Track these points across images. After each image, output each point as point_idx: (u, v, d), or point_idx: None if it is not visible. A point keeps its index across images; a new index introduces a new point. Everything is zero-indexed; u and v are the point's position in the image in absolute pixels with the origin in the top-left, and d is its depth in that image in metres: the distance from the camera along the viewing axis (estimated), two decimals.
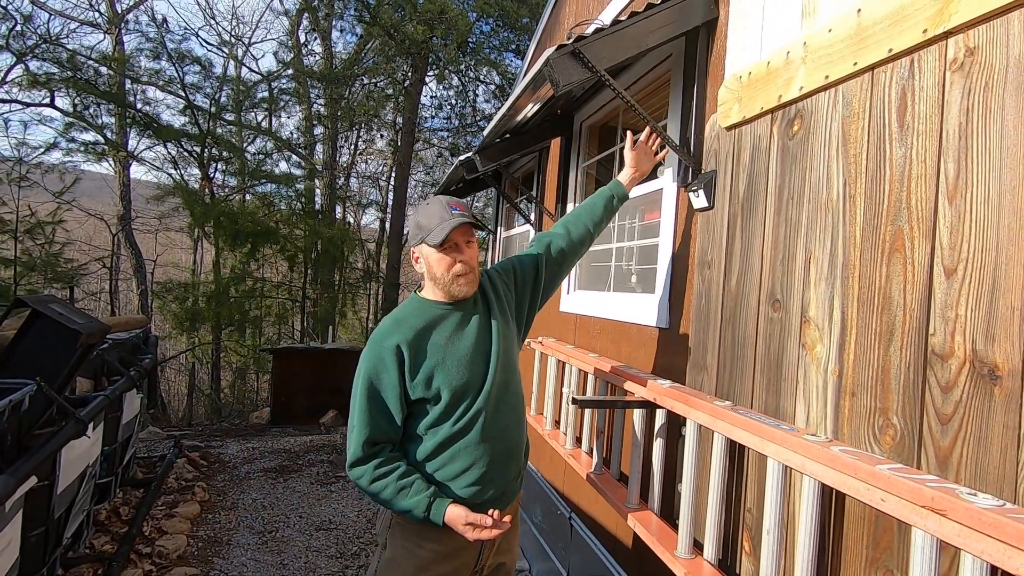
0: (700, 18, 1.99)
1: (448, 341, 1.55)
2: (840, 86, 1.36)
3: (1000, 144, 0.99)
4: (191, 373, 14.22)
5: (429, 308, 1.60)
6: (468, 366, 1.54)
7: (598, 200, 1.96)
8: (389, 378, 1.49)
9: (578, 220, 1.93)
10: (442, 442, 1.52)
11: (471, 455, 1.52)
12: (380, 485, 1.46)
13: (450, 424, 1.52)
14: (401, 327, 1.54)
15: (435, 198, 1.62)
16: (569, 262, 1.92)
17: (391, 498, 1.46)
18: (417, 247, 1.60)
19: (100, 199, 14.08)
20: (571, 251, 1.89)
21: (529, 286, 1.81)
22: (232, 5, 28.12)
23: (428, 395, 1.50)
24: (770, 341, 1.53)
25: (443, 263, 1.55)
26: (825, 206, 1.37)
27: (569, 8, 3.94)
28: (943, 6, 1.09)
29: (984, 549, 0.81)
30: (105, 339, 3.58)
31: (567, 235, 1.89)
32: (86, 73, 11.33)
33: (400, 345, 1.49)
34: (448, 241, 1.52)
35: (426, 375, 1.50)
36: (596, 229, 1.94)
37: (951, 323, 1.05)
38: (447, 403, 1.51)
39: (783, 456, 1.26)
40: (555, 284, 1.91)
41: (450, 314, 1.59)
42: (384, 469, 1.47)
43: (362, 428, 1.48)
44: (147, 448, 5.92)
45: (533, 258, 1.84)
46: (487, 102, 13.72)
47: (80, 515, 3.00)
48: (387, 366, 1.49)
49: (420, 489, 1.47)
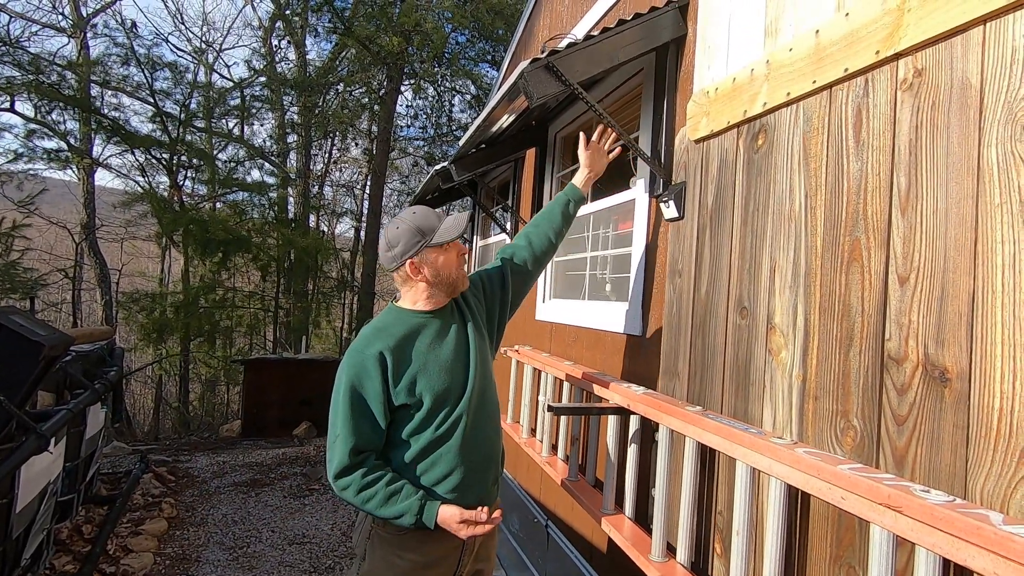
0: (669, 35, 2.05)
1: (429, 348, 1.56)
2: (801, 103, 1.42)
3: (946, 160, 1.05)
4: (158, 385, 13.82)
5: (409, 317, 1.62)
6: (449, 372, 1.56)
7: (556, 207, 1.99)
8: (373, 385, 1.48)
9: (539, 230, 1.96)
10: (423, 448, 1.53)
11: (451, 461, 1.54)
12: (369, 493, 1.45)
13: (432, 430, 1.53)
14: (383, 335, 1.54)
15: (417, 207, 1.64)
16: (534, 272, 1.95)
17: (381, 505, 1.45)
18: (416, 256, 1.57)
19: (62, 207, 13.65)
20: (535, 262, 1.93)
21: (497, 297, 1.84)
22: (203, 11, 27.75)
23: (411, 401, 1.51)
24: (738, 347, 1.57)
25: (451, 262, 1.60)
26: (788, 217, 1.43)
27: (543, 21, 4.01)
28: (893, 30, 1.16)
29: (936, 543, 0.86)
30: (68, 351, 3.47)
31: (529, 246, 1.93)
32: (49, 77, 11.01)
33: (383, 352, 1.50)
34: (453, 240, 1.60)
35: (409, 381, 1.51)
36: (557, 237, 1.97)
37: (905, 328, 1.10)
38: (429, 409, 1.52)
39: (751, 459, 1.30)
40: (522, 295, 1.94)
41: (430, 322, 1.62)
42: (372, 477, 1.47)
43: (347, 436, 1.47)
44: (112, 464, 5.73)
45: (499, 271, 1.87)
46: (463, 112, 13.79)
47: (40, 534, 2.89)
48: (370, 373, 1.48)
49: (410, 493, 1.47)
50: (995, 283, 0.95)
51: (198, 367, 13.70)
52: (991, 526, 0.80)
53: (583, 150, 2.02)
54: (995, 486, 0.91)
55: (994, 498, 0.91)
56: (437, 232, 1.57)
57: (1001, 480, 0.91)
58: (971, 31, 1.03)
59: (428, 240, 1.56)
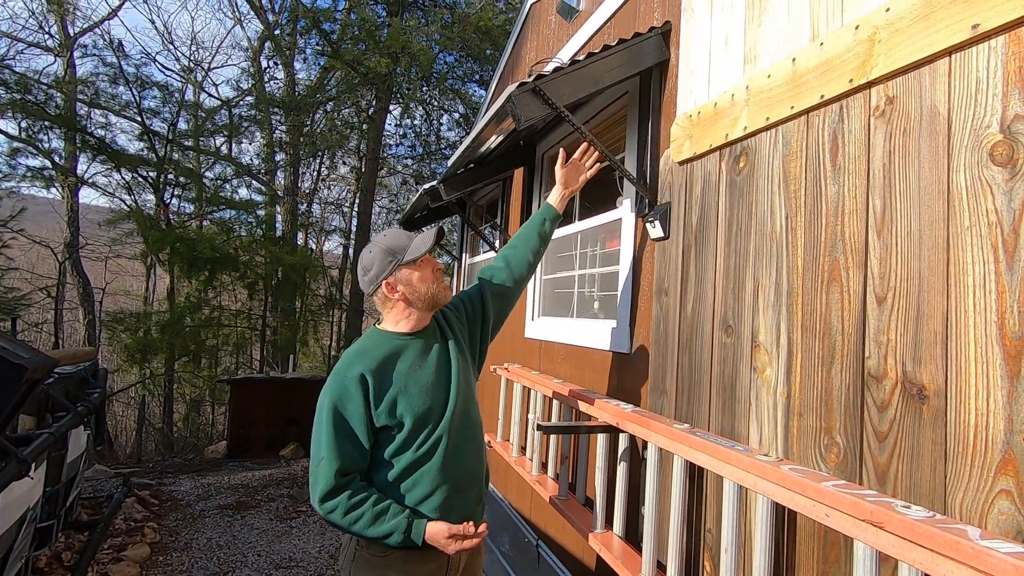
0: (652, 59, 2.11)
1: (411, 369, 1.59)
2: (780, 127, 1.47)
3: (918, 184, 1.10)
4: (141, 406, 13.57)
5: (390, 339, 1.64)
6: (430, 393, 1.58)
7: (532, 227, 2.00)
8: (356, 407, 1.50)
9: (516, 252, 1.98)
10: (405, 468, 1.54)
11: (434, 481, 1.55)
12: (356, 515, 1.46)
13: (413, 450, 1.54)
14: (364, 357, 1.56)
15: (389, 230, 1.69)
16: (515, 292, 1.97)
17: (368, 525, 1.46)
18: (391, 276, 1.62)
19: (45, 225, 13.48)
20: (515, 282, 1.95)
21: (478, 319, 1.86)
22: (192, 30, 27.84)
23: (392, 422, 1.52)
24: (724, 365, 1.60)
25: (427, 277, 1.63)
26: (770, 237, 1.47)
27: (531, 44, 4.09)
28: (865, 59, 1.21)
29: (916, 558, 0.88)
30: (51, 373, 3.41)
31: (508, 267, 1.95)
32: (35, 96, 10.96)
33: (364, 374, 1.52)
34: (427, 253, 1.63)
35: (390, 402, 1.52)
36: (535, 257, 1.99)
37: (883, 347, 1.13)
38: (410, 429, 1.53)
39: (738, 476, 1.32)
40: (504, 315, 1.96)
41: (411, 344, 1.64)
42: (358, 498, 1.47)
43: (332, 459, 1.47)
44: (93, 487, 5.60)
45: (479, 292, 1.90)
46: (451, 130, 13.90)
47: (18, 562, 2.81)
48: (352, 395, 1.50)
49: (396, 512, 1.48)
50: (967, 303, 0.98)
51: (183, 387, 13.49)
52: (969, 541, 0.82)
53: (559, 167, 2.04)
54: (973, 501, 0.94)
55: (972, 513, 0.93)
56: (408, 250, 1.61)
57: (979, 495, 0.93)
58: (938, 62, 1.08)
59: (400, 259, 1.60)
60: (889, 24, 1.16)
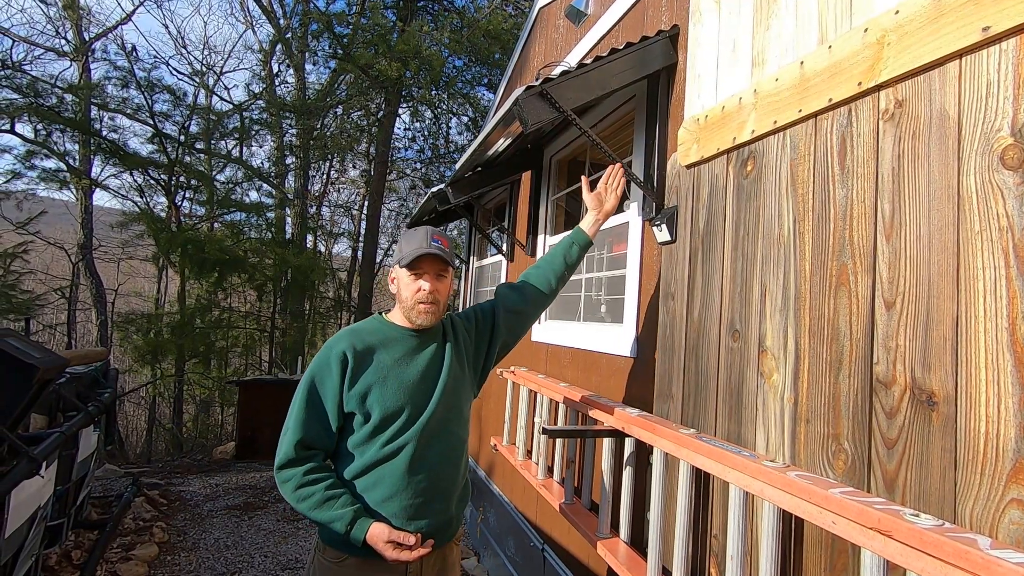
0: (660, 63, 2.11)
1: (395, 363, 1.54)
2: (788, 130, 1.46)
3: (928, 188, 1.08)
4: (151, 407, 13.68)
5: (387, 327, 1.61)
6: (408, 393, 1.52)
7: (559, 251, 1.92)
8: (331, 382, 1.49)
9: (539, 272, 1.89)
10: (368, 464, 1.50)
11: (395, 484, 1.49)
12: (307, 492, 1.43)
13: (377, 447, 1.50)
14: (353, 336, 1.55)
15: (422, 227, 1.64)
16: (532, 314, 1.88)
17: (315, 507, 1.43)
18: (394, 268, 1.64)
19: (59, 227, 13.66)
20: (533, 303, 1.86)
21: (487, 335, 1.79)
22: (204, 35, 28.16)
23: (359, 410, 1.49)
24: (731, 370, 1.59)
25: (410, 287, 1.58)
26: (777, 241, 1.46)
27: (539, 48, 4.10)
28: (874, 63, 1.20)
29: (925, 567, 0.86)
30: (63, 373, 3.45)
31: (528, 287, 1.86)
32: (49, 100, 11.12)
33: (346, 351, 1.50)
34: (417, 267, 1.56)
35: (363, 388, 1.49)
36: (558, 281, 1.90)
37: (892, 352, 1.12)
38: (376, 424, 1.49)
39: (744, 482, 1.31)
40: (517, 335, 1.86)
41: (406, 339, 1.59)
42: (314, 476, 1.45)
43: (297, 430, 1.47)
44: (103, 487, 5.65)
45: (491, 308, 1.82)
46: (460, 134, 13.95)
47: (29, 560, 2.84)
48: (331, 370, 1.50)
49: (347, 503, 1.45)
50: (978, 308, 0.97)
51: (192, 388, 13.59)
52: (979, 551, 0.80)
53: (586, 193, 1.95)
54: (983, 510, 0.92)
55: (982, 522, 0.92)
56: (405, 256, 1.57)
57: (989, 504, 0.92)
58: (948, 65, 1.07)
59: (400, 259, 1.59)
60: (898, 27, 1.15)
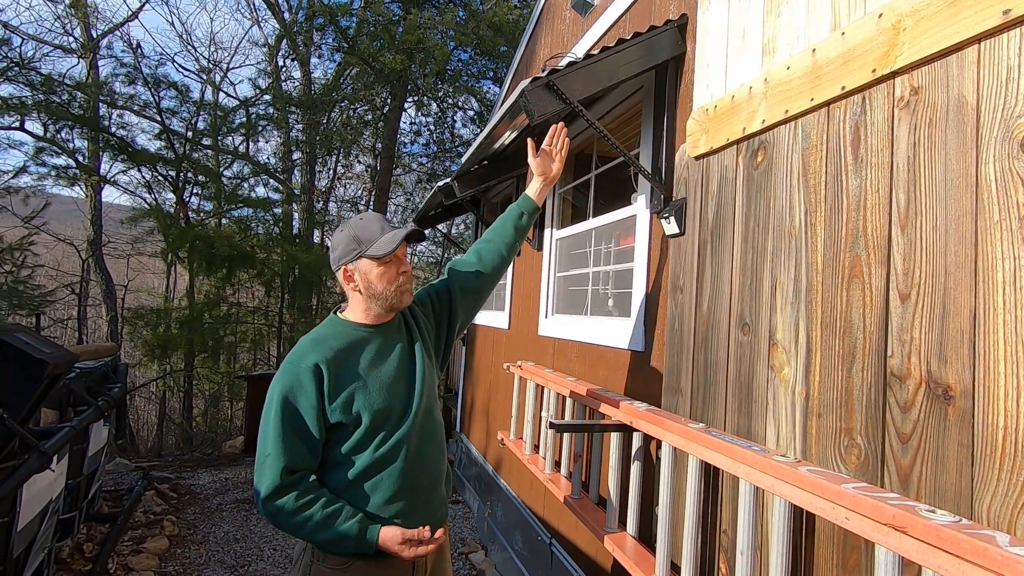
0: (668, 53, 2.08)
1: (371, 364, 1.48)
2: (799, 120, 1.43)
3: (944, 177, 1.06)
4: (161, 401, 13.82)
5: (351, 330, 1.52)
6: (390, 391, 1.47)
7: (507, 220, 1.87)
8: (307, 399, 1.38)
9: (490, 245, 1.84)
10: (364, 470, 1.43)
11: (394, 485, 1.44)
12: (305, 516, 1.34)
13: (371, 451, 1.43)
14: (320, 347, 1.44)
15: (369, 213, 1.55)
16: (486, 288, 1.83)
17: (318, 529, 1.34)
18: (352, 263, 1.49)
19: (69, 223, 13.78)
20: (487, 278, 1.81)
21: (444, 317, 1.74)
22: (210, 31, 28.21)
23: (347, 419, 1.41)
24: (740, 364, 1.57)
25: (386, 277, 1.49)
26: (788, 233, 1.43)
27: (545, 40, 4.06)
28: (889, 49, 1.17)
29: (942, 564, 0.85)
30: (73, 368, 3.48)
31: (480, 262, 1.81)
32: (59, 97, 11.19)
33: (319, 364, 1.40)
34: (393, 253, 1.47)
35: (346, 398, 1.41)
36: (509, 251, 1.86)
37: (907, 345, 1.09)
38: (367, 428, 1.42)
39: (754, 477, 1.29)
40: (474, 311, 1.83)
41: (372, 337, 1.52)
42: (308, 499, 1.36)
43: (279, 455, 1.35)
44: (114, 481, 5.71)
45: (446, 287, 1.77)
46: (465, 127, 13.90)
47: (41, 553, 2.87)
48: (304, 387, 1.39)
49: (349, 515, 1.37)
50: (996, 300, 0.95)
51: (202, 383, 13.69)
52: (997, 548, 0.79)
53: (532, 158, 1.89)
54: (1001, 506, 0.90)
55: (1000, 518, 0.90)
56: (375, 243, 1.47)
57: (1008, 500, 0.90)
58: (966, 50, 1.04)
59: (364, 250, 1.47)
60: (914, 11, 1.12)
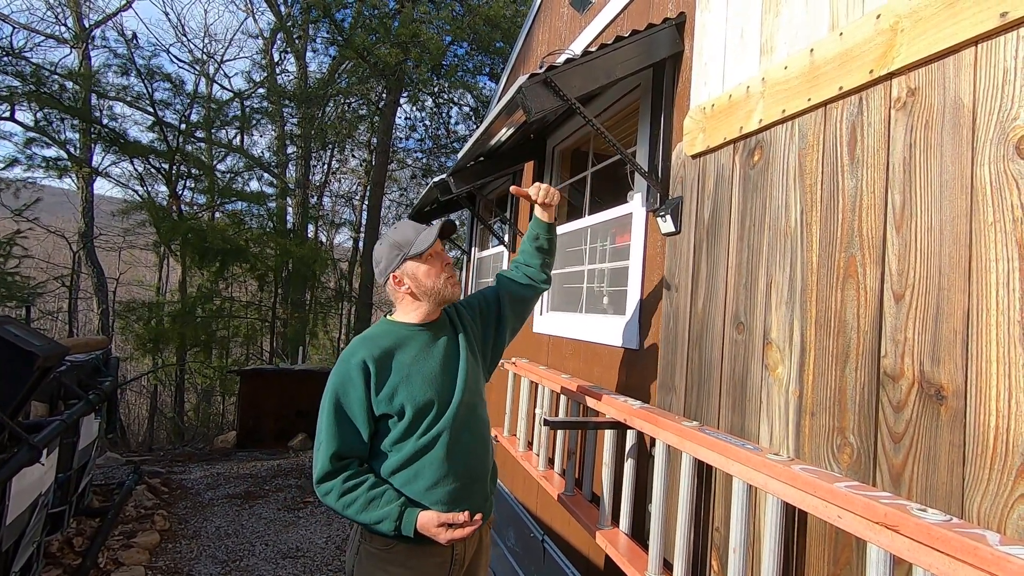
0: (666, 51, 2.07)
1: (414, 360, 1.59)
2: (796, 120, 1.43)
3: (940, 179, 1.06)
4: (153, 396, 13.75)
5: (398, 329, 1.65)
6: (433, 384, 1.57)
7: (529, 246, 1.96)
8: (356, 393, 1.52)
9: (529, 262, 1.96)
10: (407, 458, 1.53)
11: (436, 472, 1.54)
12: (350, 498, 1.47)
13: (414, 440, 1.54)
14: (368, 344, 1.58)
15: (401, 221, 1.70)
16: (533, 300, 1.96)
17: (361, 510, 1.46)
18: (398, 269, 1.64)
19: (60, 215, 13.66)
20: (534, 292, 1.94)
21: (492, 320, 1.85)
22: (205, 23, 27.98)
23: (391, 410, 1.53)
24: (735, 362, 1.57)
25: (432, 272, 1.63)
26: (784, 233, 1.44)
27: (542, 36, 4.05)
28: (886, 50, 1.17)
29: (933, 563, 0.85)
30: (63, 361, 3.45)
31: (526, 275, 1.94)
32: (50, 87, 11.07)
33: (366, 360, 1.53)
34: (432, 248, 1.63)
35: (390, 391, 1.53)
36: (547, 268, 1.98)
37: (901, 346, 1.10)
38: (411, 419, 1.53)
39: (747, 475, 1.30)
40: (522, 320, 1.93)
41: (418, 335, 1.65)
42: (353, 482, 1.48)
43: (330, 442, 1.49)
44: (104, 475, 5.67)
45: (496, 295, 1.89)
46: (460, 123, 13.87)
47: (30, 547, 2.85)
48: (354, 382, 1.52)
49: (391, 499, 1.48)
50: (990, 301, 0.95)
51: (194, 377, 13.64)
52: (988, 546, 0.79)
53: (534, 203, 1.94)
54: (992, 505, 0.91)
55: (991, 517, 0.91)
56: (413, 244, 1.62)
57: (998, 499, 0.90)
58: (963, 52, 1.04)
59: (405, 252, 1.62)
60: (912, 13, 1.12)
